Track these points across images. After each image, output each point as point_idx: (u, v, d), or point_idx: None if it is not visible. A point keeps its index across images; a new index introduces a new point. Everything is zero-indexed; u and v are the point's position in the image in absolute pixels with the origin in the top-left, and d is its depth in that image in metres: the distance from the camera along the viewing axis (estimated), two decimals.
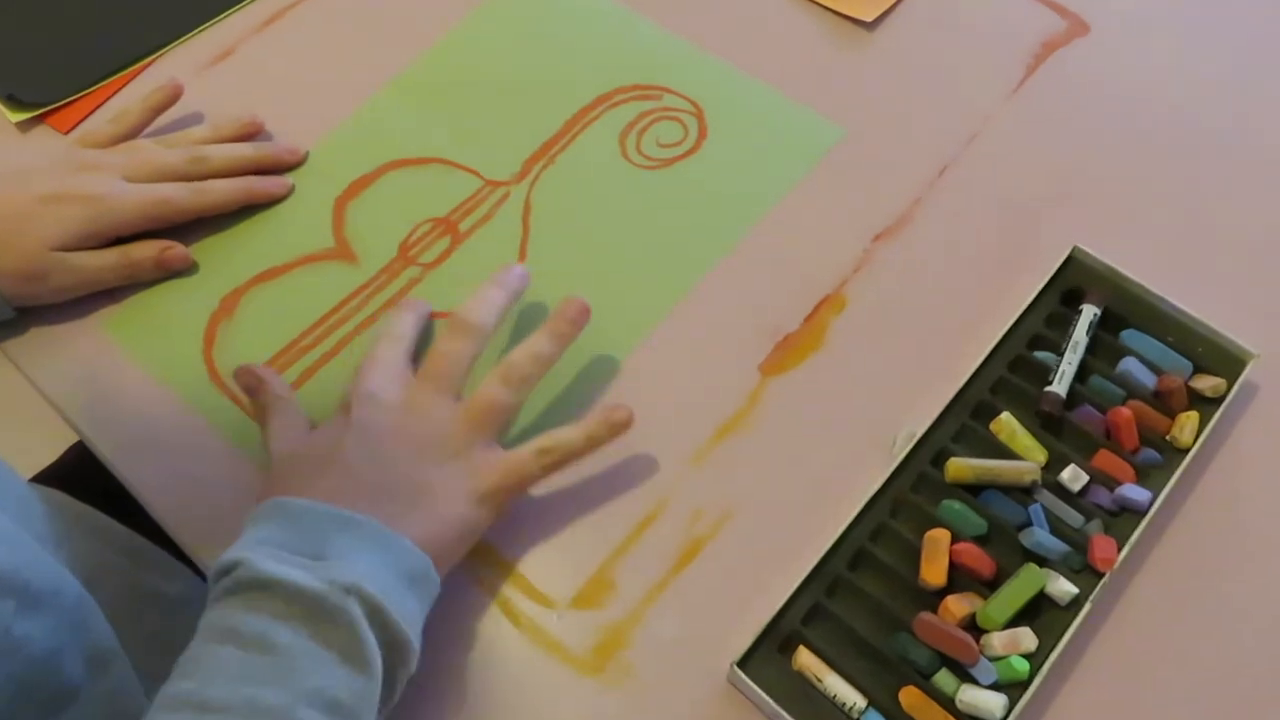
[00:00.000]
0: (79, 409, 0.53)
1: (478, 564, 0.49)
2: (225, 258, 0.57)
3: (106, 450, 0.52)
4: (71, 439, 0.74)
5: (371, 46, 0.65)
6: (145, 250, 0.55)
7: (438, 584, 0.44)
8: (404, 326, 0.51)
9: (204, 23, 0.65)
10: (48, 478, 0.71)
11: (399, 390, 0.48)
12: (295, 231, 0.58)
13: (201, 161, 0.57)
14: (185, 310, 0.55)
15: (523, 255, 0.57)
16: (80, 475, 0.62)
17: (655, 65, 0.64)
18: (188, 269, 0.56)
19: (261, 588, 0.39)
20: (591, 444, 0.48)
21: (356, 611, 0.39)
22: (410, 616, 0.41)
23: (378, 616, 0.40)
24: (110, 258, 0.54)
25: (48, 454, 0.73)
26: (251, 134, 0.60)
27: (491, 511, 0.47)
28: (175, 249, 0.55)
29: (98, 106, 0.62)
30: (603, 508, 0.50)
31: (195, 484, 0.51)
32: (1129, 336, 0.53)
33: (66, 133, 0.61)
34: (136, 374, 0.54)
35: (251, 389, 0.51)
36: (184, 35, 0.65)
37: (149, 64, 0.64)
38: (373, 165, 0.60)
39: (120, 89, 0.63)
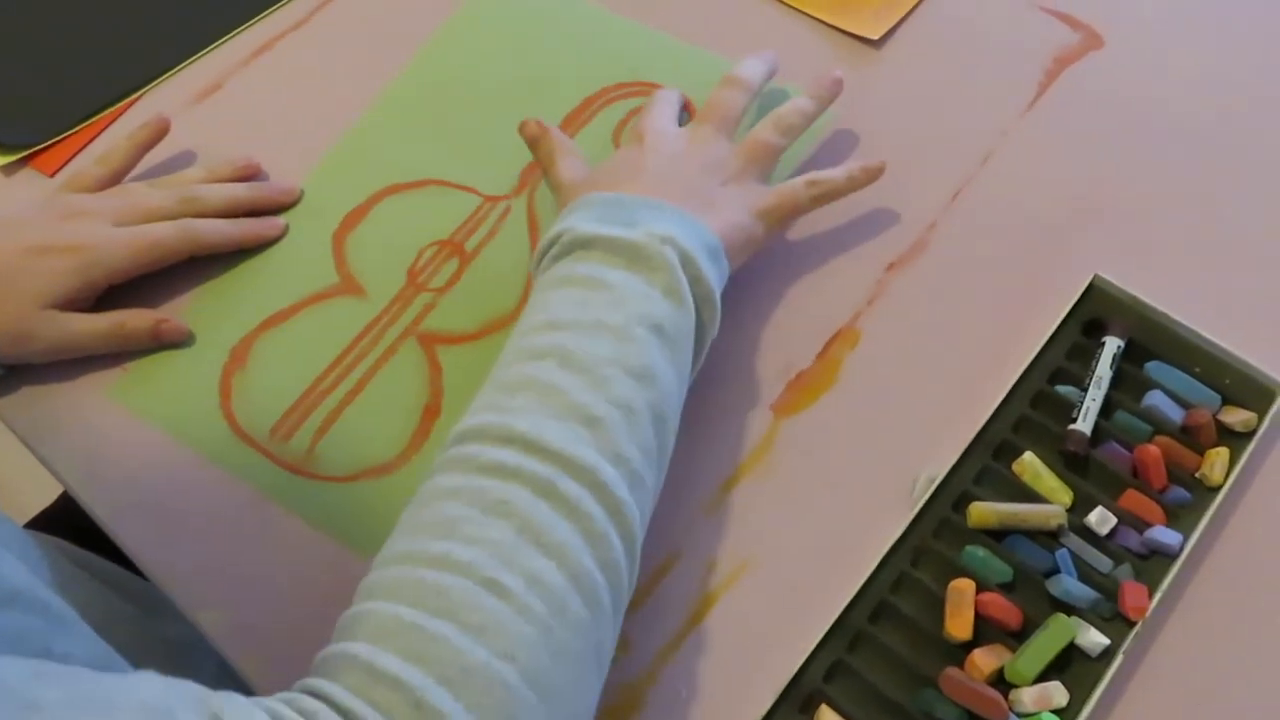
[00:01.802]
0: (72, 471, 0.51)
1: None
2: (227, 307, 0.55)
3: (103, 513, 0.50)
4: (61, 486, 0.73)
5: (357, 72, 0.63)
6: (140, 321, 0.53)
7: (728, 267, 0.49)
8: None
9: (190, 57, 0.64)
10: (42, 523, 0.70)
11: (682, 128, 0.55)
12: (296, 272, 0.56)
13: (194, 202, 0.55)
14: (195, 366, 0.53)
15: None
16: (75, 520, 0.60)
17: (642, 62, 0.62)
18: (184, 341, 0.54)
19: (586, 245, 0.46)
20: (852, 185, 0.54)
21: (672, 256, 0.45)
22: (712, 279, 0.47)
23: (689, 265, 0.46)
24: (103, 325, 0.52)
25: (41, 498, 0.72)
26: (248, 177, 0.58)
27: (767, 229, 0.53)
28: (171, 322, 0.53)
29: (84, 146, 0.61)
30: None
31: (213, 544, 0.49)
32: (1154, 369, 0.51)
33: (52, 174, 0.60)
34: (150, 435, 0.52)
35: (535, 136, 0.56)
36: (170, 70, 0.63)
37: (134, 101, 0.62)
38: (365, 194, 0.59)
39: (106, 127, 0.61)
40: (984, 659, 0.44)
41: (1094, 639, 0.44)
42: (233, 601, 0.48)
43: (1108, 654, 0.44)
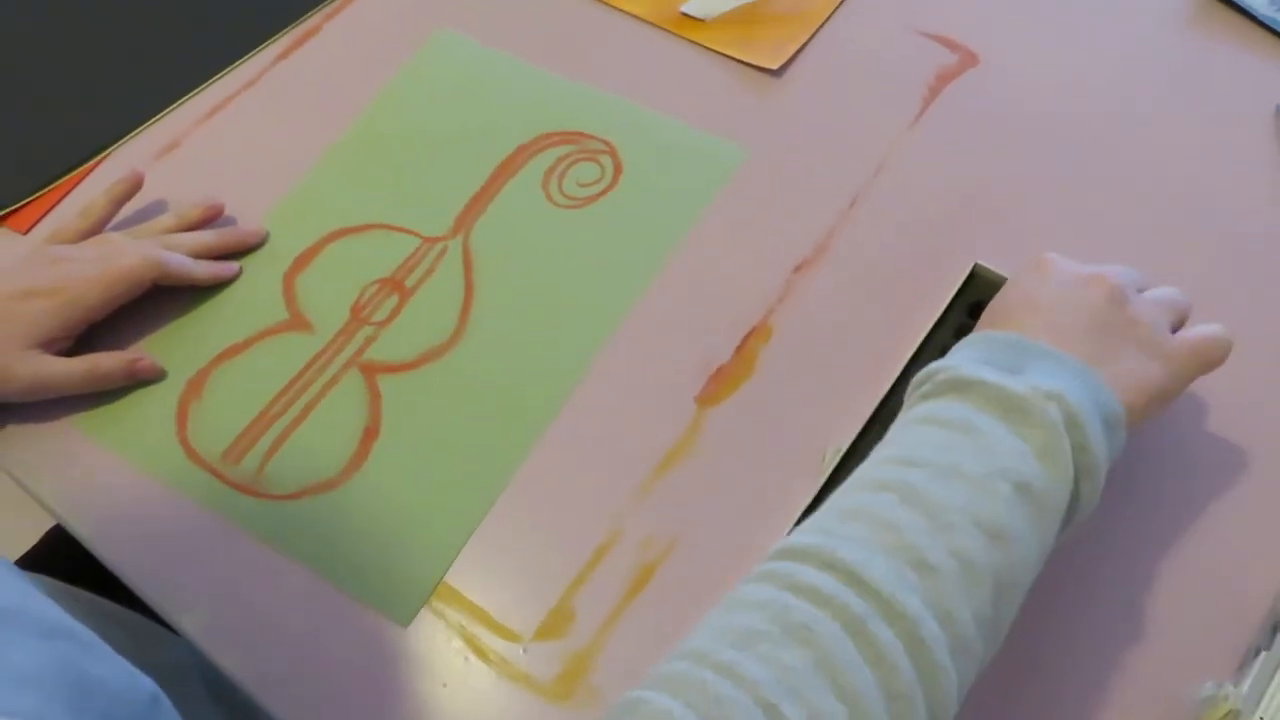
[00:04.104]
0: (60, 500, 0.55)
1: (444, 604, 0.52)
2: (187, 343, 0.60)
3: (87, 534, 0.54)
4: (44, 527, 0.77)
5: (306, 126, 0.68)
6: (113, 362, 0.57)
7: (1124, 439, 0.43)
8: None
9: (151, 117, 0.69)
10: (28, 564, 0.73)
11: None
12: (250, 309, 0.61)
13: (167, 245, 0.60)
14: (154, 397, 0.58)
15: (468, 304, 0.61)
16: (61, 559, 0.64)
17: (569, 112, 0.68)
18: (159, 378, 0.58)
19: (962, 388, 0.42)
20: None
21: (1056, 415, 0.41)
22: (1102, 448, 0.41)
23: (1075, 429, 0.41)
24: (79, 367, 0.56)
25: (24, 540, 0.76)
26: (214, 215, 0.64)
27: (1180, 383, 0.46)
28: (145, 361, 0.57)
29: (54, 205, 0.66)
30: (558, 542, 0.54)
31: (181, 559, 0.54)
32: None
33: (25, 232, 0.65)
34: (115, 462, 0.56)
35: None
36: (133, 131, 0.68)
37: (101, 160, 0.67)
38: (315, 238, 0.64)
39: (75, 186, 0.66)
40: None
41: None
42: (208, 607, 0.53)
43: None
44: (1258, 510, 0.54)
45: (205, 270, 0.61)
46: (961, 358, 0.44)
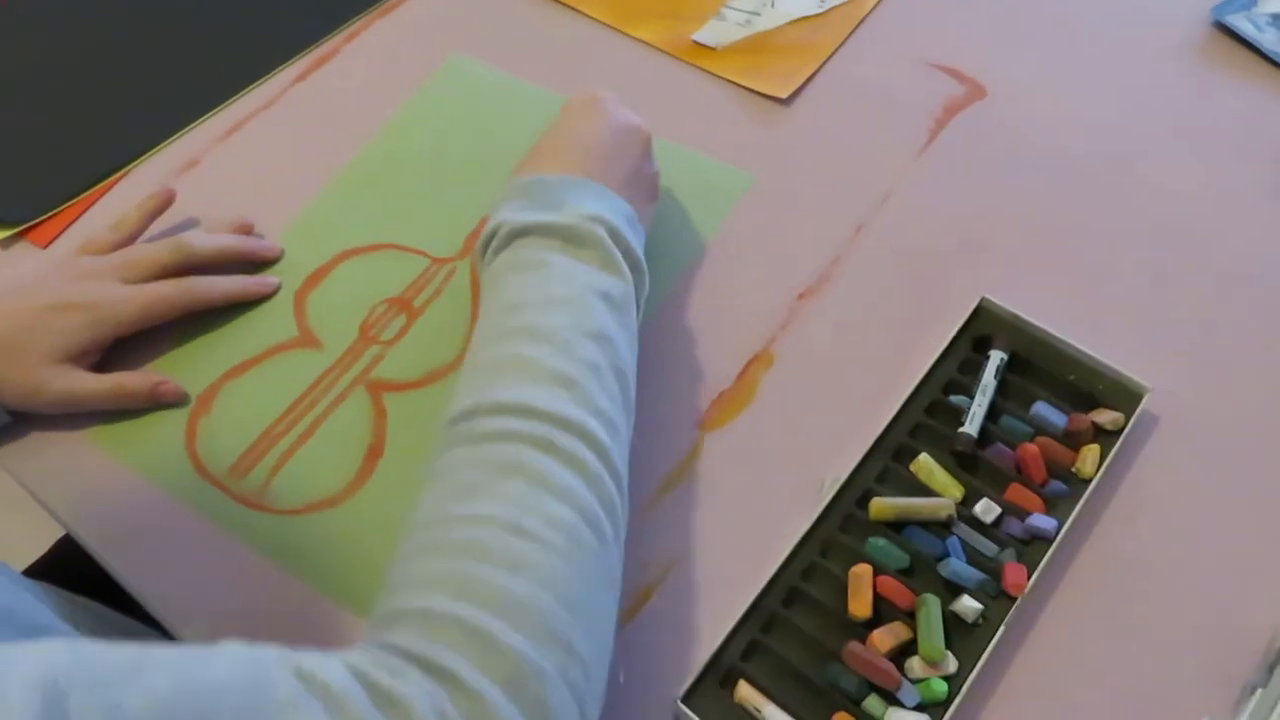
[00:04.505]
0: (69, 510, 0.56)
1: None
2: (198, 358, 0.61)
3: (95, 544, 0.55)
4: (53, 537, 0.78)
5: (321, 146, 0.70)
6: (139, 383, 0.58)
7: (644, 230, 0.56)
8: None
9: (171, 136, 0.70)
10: (35, 574, 0.74)
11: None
12: (261, 326, 0.62)
13: (186, 250, 0.61)
14: (166, 411, 0.59)
15: (475, 322, 0.61)
16: (68, 569, 0.65)
17: None
18: (181, 401, 0.59)
19: (523, 233, 0.52)
20: None
21: (600, 231, 0.52)
22: (637, 247, 0.53)
23: (617, 237, 0.52)
24: (105, 384, 0.57)
25: (32, 551, 0.77)
26: (244, 234, 0.64)
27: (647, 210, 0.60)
28: (168, 384, 0.58)
29: (74, 220, 0.67)
30: None
31: (186, 572, 0.54)
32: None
33: (45, 246, 0.66)
34: (125, 475, 0.57)
35: None
36: (154, 148, 0.70)
37: (121, 177, 0.69)
38: (327, 256, 0.65)
39: (95, 202, 0.68)
40: (882, 636, 0.50)
41: (967, 605, 0.50)
42: (209, 620, 0.53)
43: (990, 626, 0.50)
44: (1254, 549, 0.53)
45: (241, 287, 0.62)
46: (512, 209, 0.54)
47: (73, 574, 0.61)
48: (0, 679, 0.30)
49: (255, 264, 0.64)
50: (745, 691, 0.49)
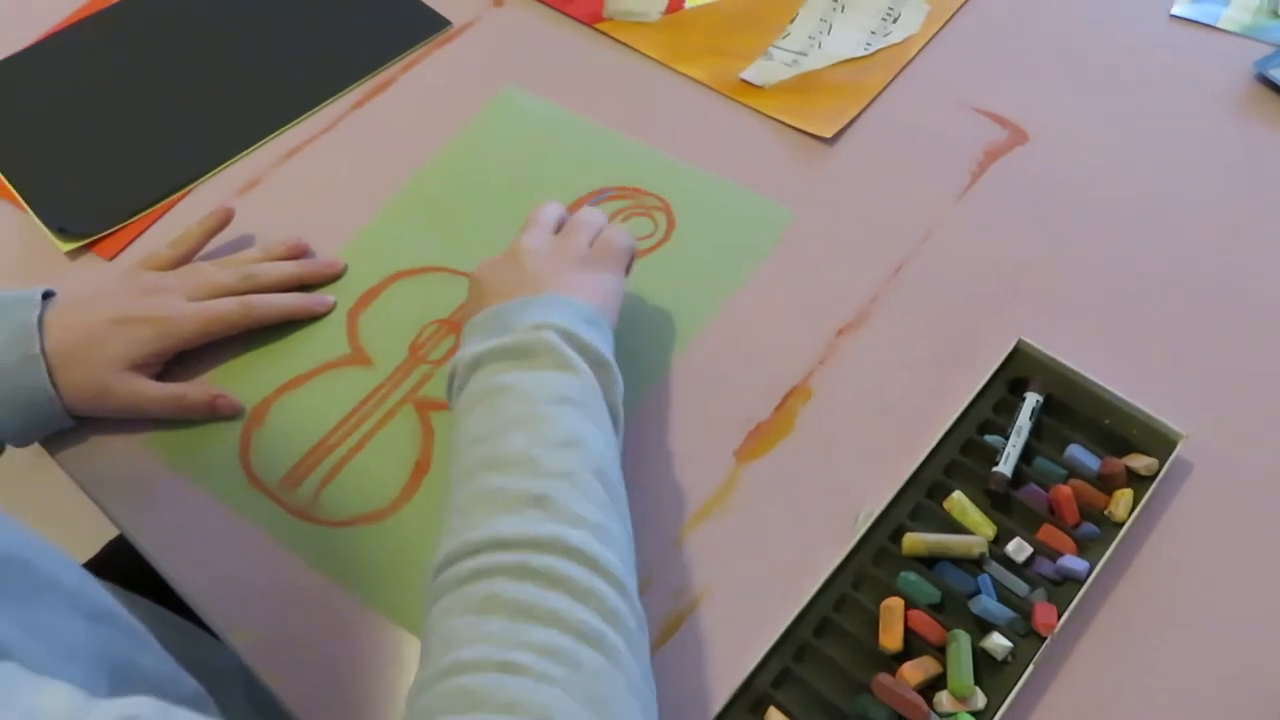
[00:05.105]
0: (125, 513, 0.59)
1: None
2: (254, 372, 0.63)
3: (149, 546, 0.57)
4: (104, 539, 0.80)
5: (377, 171, 0.72)
6: (199, 395, 0.60)
7: (609, 326, 0.55)
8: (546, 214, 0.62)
9: (231, 157, 0.73)
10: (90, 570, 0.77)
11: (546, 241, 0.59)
12: (314, 343, 0.64)
13: (252, 279, 0.64)
14: (222, 422, 0.61)
15: None
16: (118, 571, 0.67)
17: (628, 169, 0.71)
18: (237, 415, 0.61)
19: (476, 364, 0.51)
20: None
21: (552, 336, 0.50)
22: (599, 343, 0.52)
23: (571, 338, 0.51)
24: (167, 393, 0.60)
25: (82, 553, 0.79)
26: (298, 254, 0.67)
27: (617, 277, 0.58)
28: (226, 398, 0.60)
29: (138, 235, 0.70)
30: None
31: (236, 578, 0.56)
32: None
33: (111, 258, 0.69)
34: (180, 481, 0.59)
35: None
36: (216, 167, 0.72)
37: (184, 195, 0.71)
38: (380, 277, 0.67)
39: (158, 218, 0.70)
40: (912, 669, 0.50)
41: (997, 642, 0.51)
42: (257, 626, 0.55)
43: (1020, 662, 0.51)
44: None
45: (298, 305, 0.64)
46: (465, 347, 0.53)
47: (123, 577, 0.63)
48: None
49: (320, 284, 0.66)
50: (775, 718, 0.50)
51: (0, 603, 0.35)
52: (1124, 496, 0.56)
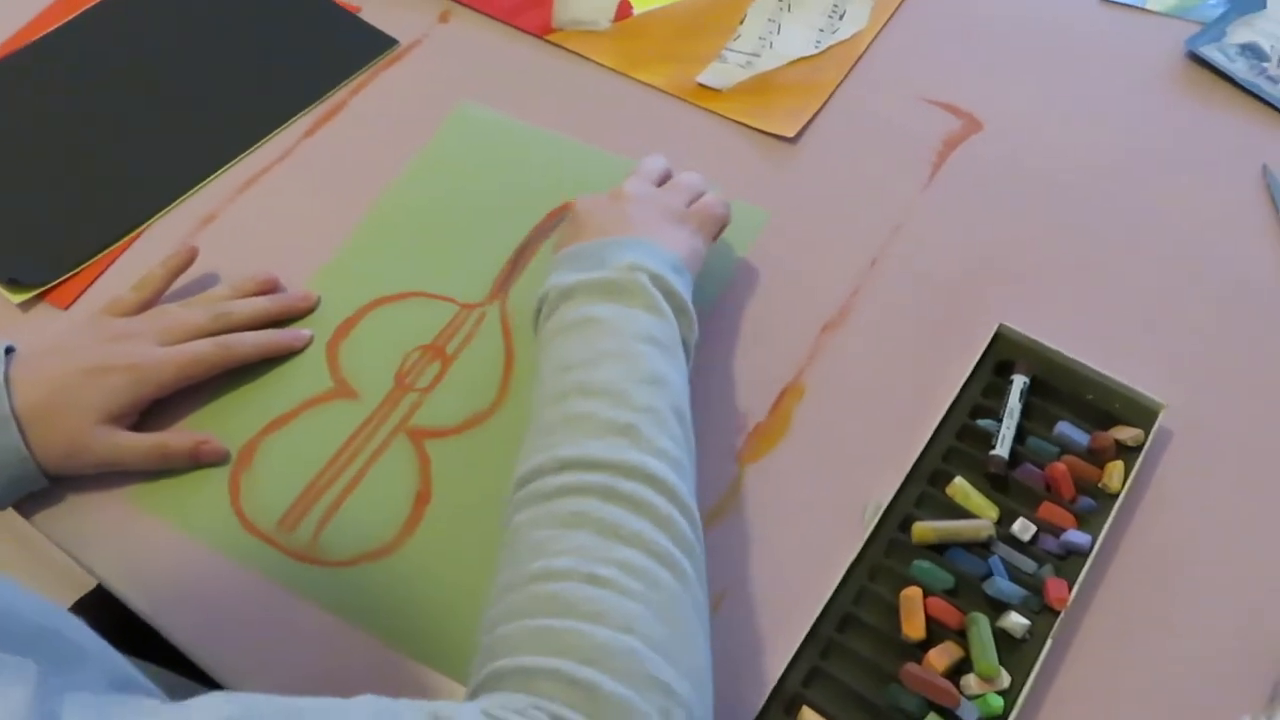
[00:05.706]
0: (115, 573, 0.56)
1: None
2: (234, 413, 0.61)
3: (146, 606, 0.55)
4: (81, 590, 0.77)
5: (338, 197, 0.70)
6: (181, 443, 0.58)
7: (691, 276, 0.57)
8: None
9: (185, 192, 0.70)
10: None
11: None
12: (294, 380, 0.62)
13: (225, 318, 0.61)
14: (207, 470, 0.59)
15: (509, 366, 0.63)
16: (96, 619, 0.64)
17: (595, 178, 0.70)
18: (222, 460, 0.59)
19: (569, 294, 0.54)
20: None
21: (643, 278, 0.53)
22: (683, 291, 0.55)
23: (660, 281, 0.54)
24: (147, 444, 0.57)
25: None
26: (269, 290, 0.65)
27: (703, 234, 0.61)
28: (210, 443, 0.58)
29: (93, 280, 0.67)
30: None
31: (243, 627, 0.54)
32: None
33: (66, 307, 0.65)
34: (169, 534, 0.57)
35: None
36: (168, 205, 0.70)
37: (138, 235, 0.69)
38: (355, 307, 0.65)
39: (113, 261, 0.68)
40: (937, 655, 0.51)
41: (1015, 620, 0.52)
42: (269, 675, 0.53)
43: (1037, 639, 0.52)
44: (1276, 550, 0.56)
45: (275, 341, 0.62)
46: (558, 276, 0.55)
47: (102, 625, 0.61)
48: None
49: (293, 319, 0.64)
50: (810, 717, 0.50)
51: (55, 673, 0.33)
52: (1116, 468, 0.57)
